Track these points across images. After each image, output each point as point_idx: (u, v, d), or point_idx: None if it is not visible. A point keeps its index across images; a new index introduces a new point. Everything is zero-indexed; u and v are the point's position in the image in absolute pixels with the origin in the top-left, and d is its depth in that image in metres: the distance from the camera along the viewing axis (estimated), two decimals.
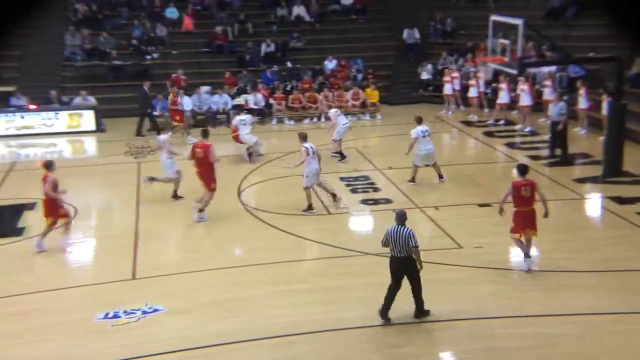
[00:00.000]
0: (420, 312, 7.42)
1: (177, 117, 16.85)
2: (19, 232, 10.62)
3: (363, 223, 11.21)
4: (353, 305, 7.83)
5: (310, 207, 11.04)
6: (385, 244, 7.37)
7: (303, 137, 11.27)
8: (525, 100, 16.71)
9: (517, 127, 17.02)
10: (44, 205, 9.73)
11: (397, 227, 7.28)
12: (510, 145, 15.56)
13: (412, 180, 12.44)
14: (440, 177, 12.52)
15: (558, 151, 14.18)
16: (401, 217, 7.37)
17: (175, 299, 8.11)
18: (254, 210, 11.42)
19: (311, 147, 11.02)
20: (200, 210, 10.83)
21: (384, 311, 7.34)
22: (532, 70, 17.84)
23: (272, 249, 9.69)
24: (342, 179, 13.05)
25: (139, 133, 17.42)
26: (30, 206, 11.78)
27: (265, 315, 7.67)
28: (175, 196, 11.95)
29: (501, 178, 13.44)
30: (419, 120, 12.72)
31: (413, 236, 7.22)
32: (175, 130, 16.62)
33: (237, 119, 14.90)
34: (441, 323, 7.43)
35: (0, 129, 17.34)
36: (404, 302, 7.67)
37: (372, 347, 6.99)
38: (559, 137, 14.13)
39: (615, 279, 8.48)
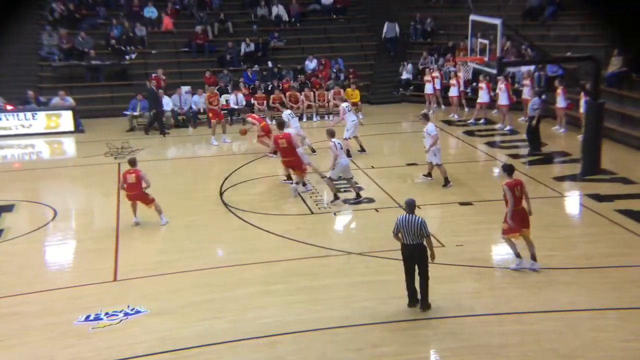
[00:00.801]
0: (425, 303, 7.57)
1: (211, 115, 16.63)
2: None
3: (345, 222, 11.23)
4: (335, 305, 7.85)
5: (336, 197, 11.44)
6: (396, 233, 7.54)
7: (331, 134, 11.62)
8: (503, 99, 16.93)
9: (497, 126, 17.23)
10: (140, 198, 10.44)
11: (408, 216, 7.50)
12: (491, 144, 15.75)
13: (447, 182, 12.25)
14: (430, 175, 12.60)
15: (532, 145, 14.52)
16: (411, 206, 7.60)
17: (157, 300, 8.03)
18: (236, 210, 11.36)
19: (338, 143, 11.47)
20: (299, 183, 12.00)
21: (413, 301, 7.56)
22: (511, 69, 18.08)
23: (254, 249, 9.65)
24: (323, 178, 13.03)
25: (162, 132, 17.30)
26: (8, 208, 11.56)
27: (247, 316, 7.64)
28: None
29: (482, 177, 13.62)
30: (428, 117, 12.73)
31: (425, 225, 7.46)
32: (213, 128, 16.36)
33: (288, 113, 14.60)
34: (423, 321, 7.47)
35: None
36: (386, 301, 7.72)
37: (354, 347, 7.00)
38: (532, 132, 14.42)
39: (593, 275, 8.62)
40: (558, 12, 20.13)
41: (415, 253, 7.52)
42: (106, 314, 7.65)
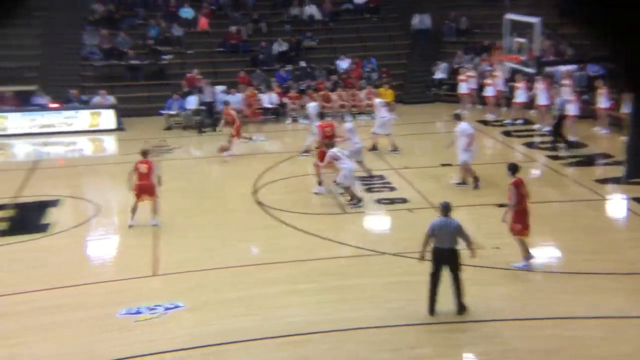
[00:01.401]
0: (462, 307, 7.41)
1: (249, 114, 16.87)
2: (43, 228, 10.75)
3: (378, 222, 11.19)
4: (367, 305, 7.81)
5: (357, 199, 11.31)
6: (431, 234, 7.39)
7: (328, 145, 11.67)
8: (542, 99, 16.57)
9: (536, 126, 16.87)
10: (148, 189, 10.54)
11: (444, 218, 7.35)
12: (529, 145, 15.43)
13: (477, 181, 11.95)
14: (465, 183, 12.22)
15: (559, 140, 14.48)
16: (446, 208, 7.43)
17: (192, 296, 8.16)
18: (268, 208, 11.46)
19: (339, 151, 11.50)
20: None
21: (433, 308, 7.40)
22: (549, 69, 17.68)
23: (287, 247, 9.71)
24: (356, 178, 13.01)
25: (199, 130, 17.56)
26: (54, 203, 11.94)
27: (278, 314, 7.68)
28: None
29: None
30: (459, 117, 12.60)
31: (461, 229, 7.31)
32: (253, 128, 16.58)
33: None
34: (460, 324, 7.38)
35: (23, 127, 17.57)
36: (418, 302, 7.66)
37: (387, 348, 6.94)
38: (556, 126, 14.36)
39: (637, 281, 8.37)
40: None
41: (449, 257, 7.32)
42: (147, 307, 7.81)
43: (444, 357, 6.85)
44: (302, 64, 21.38)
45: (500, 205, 11.12)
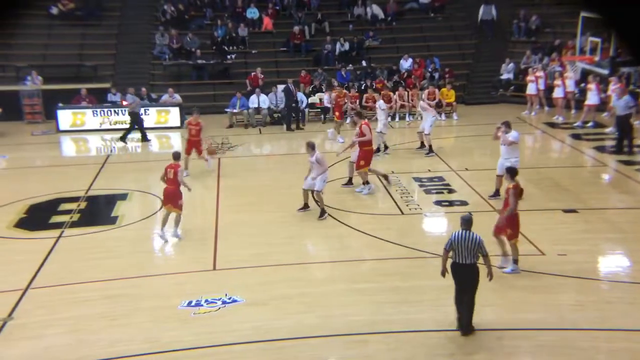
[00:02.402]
0: (467, 328, 6.99)
1: (337, 114, 17.08)
2: (113, 220, 11.31)
3: (436, 224, 11.01)
4: (425, 307, 7.74)
5: (324, 212, 10.83)
6: (448, 248, 7.04)
7: (312, 146, 10.97)
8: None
9: (608, 130, 16.02)
10: (172, 195, 10.10)
11: (463, 232, 6.96)
12: (599, 149, 14.68)
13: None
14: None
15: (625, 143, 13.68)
16: (467, 222, 7.04)
17: (251, 291, 8.34)
18: (327, 207, 11.52)
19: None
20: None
21: (461, 323, 7.09)
22: (625, 69, 16.72)
23: (344, 247, 9.75)
24: (415, 179, 12.88)
25: (288, 127, 17.95)
26: (123, 197, 12.55)
27: (338, 313, 7.73)
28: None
29: (589, 183, 12.76)
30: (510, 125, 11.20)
31: (482, 243, 6.88)
32: (335, 127, 16.78)
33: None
34: (518, 332, 7.16)
35: (96, 123, 18.60)
36: (480, 306, 7.48)
37: (445, 352, 6.86)
38: (626, 130, 13.62)
39: None
40: None
41: (467, 273, 6.91)
42: (206, 300, 8.06)
43: None
44: (363, 63, 21.34)
45: (566, 211, 10.69)
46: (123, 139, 16.82)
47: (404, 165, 13.79)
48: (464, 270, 6.92)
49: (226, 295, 8.22)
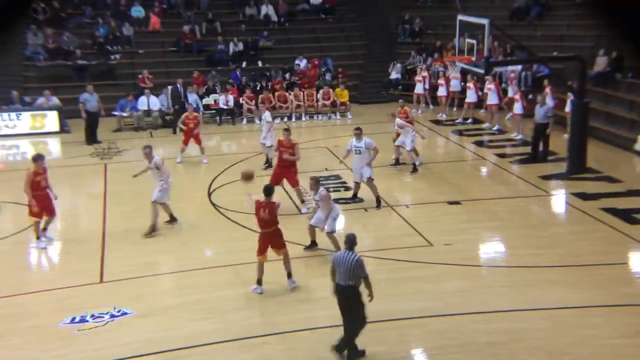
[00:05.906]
0: (339, 347, 6.56)
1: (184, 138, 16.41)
2: None
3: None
4: (325, 305, 7.79)
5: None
6: (332, 272, 6.62)
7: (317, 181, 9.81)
8: (492, 99, 17.00)
9: (484, 125, 17.32)
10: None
11: (345, 253, 6.55)
12: (479, 144, 15.82)
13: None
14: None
15: (539, 150, 13.87)
16: (350, 242, 6.62)
17: (143, 302, 7.97)
18: (224, 210, 11.29)
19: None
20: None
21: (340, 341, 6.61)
22: (498, 69, 18.17)
23: (242, 249, 9.57)
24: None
25: (175, 130, 17.04)
26: None
27: (234, 317, 7.60)
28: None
29: (470, 176, 13.67)
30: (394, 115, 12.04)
31: (361, 265, 6.46)
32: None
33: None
34: (411, 320, 7.48)
35: None
36: (376, 298, 7.70)
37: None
38: (543, 138, 13.84)
39: (580, 273, 8.69)
40: (544, 12, 20.30)
41: (346, 295, 6.50)
42: (92, 315, 7.58)
43: (397, 354, 6.90)
44: (259, 64, 21.22)
45: (451, 203, 11.38)
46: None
47: (303, 163, 13.73)
48: (342, 291, 6.53)
49: (115, 308, 7.75)
